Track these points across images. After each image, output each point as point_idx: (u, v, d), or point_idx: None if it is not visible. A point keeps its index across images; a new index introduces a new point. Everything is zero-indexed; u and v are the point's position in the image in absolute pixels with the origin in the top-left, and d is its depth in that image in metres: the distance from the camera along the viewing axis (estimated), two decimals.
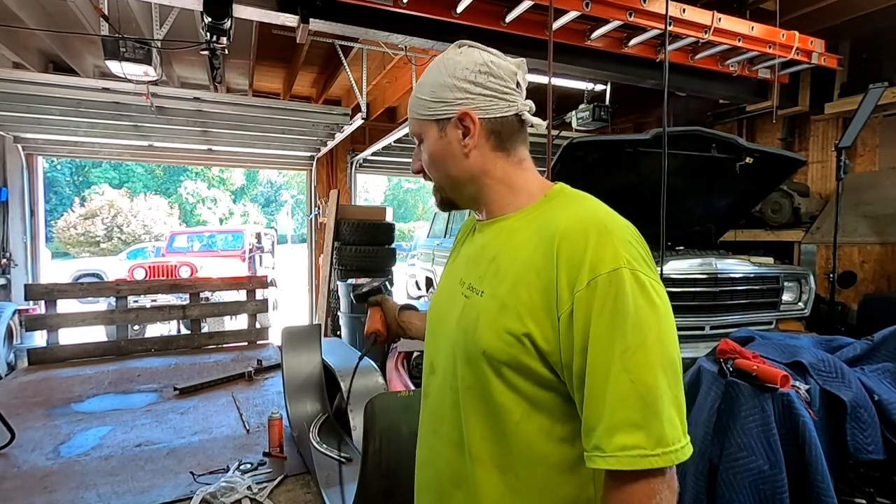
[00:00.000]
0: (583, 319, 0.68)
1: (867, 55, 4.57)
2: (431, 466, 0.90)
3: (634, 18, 3.35)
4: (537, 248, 0.75)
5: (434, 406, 0.89)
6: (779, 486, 1.62)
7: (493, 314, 0.76)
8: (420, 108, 0.87)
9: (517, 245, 0.79)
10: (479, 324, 0.77)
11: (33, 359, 3.50)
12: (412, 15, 3.17)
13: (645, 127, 6.75)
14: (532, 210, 0.83)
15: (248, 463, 2.06)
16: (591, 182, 3.15)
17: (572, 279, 0.69)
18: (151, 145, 6.40)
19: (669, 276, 2.83)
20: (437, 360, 0.89)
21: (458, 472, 0.83)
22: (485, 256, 0.84)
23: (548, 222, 0.78)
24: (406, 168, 8.32)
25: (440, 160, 0.87)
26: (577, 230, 0.72)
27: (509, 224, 0.84)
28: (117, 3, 3.59)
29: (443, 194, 0.92)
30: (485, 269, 0.82)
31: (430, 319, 0.95)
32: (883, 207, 4.21)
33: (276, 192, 34.46)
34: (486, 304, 0.78)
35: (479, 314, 0.78)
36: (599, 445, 0.66)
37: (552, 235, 0.74)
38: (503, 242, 0.82)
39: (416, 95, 0.88)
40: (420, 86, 0.89)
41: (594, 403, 0.67)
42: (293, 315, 9.32)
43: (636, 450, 0.63)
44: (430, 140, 0.87)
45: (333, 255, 6.15)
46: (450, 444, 0.85)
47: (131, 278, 7.64)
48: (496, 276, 0.79)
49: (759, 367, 1.76)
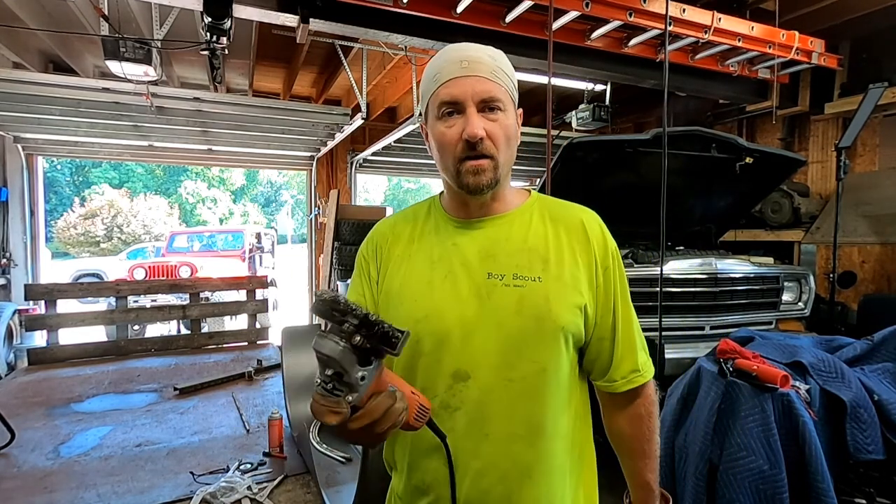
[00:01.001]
0: (612, 285, 0.91)
1: (867, 55, 4.57)
2: (489, 475, 0.84)
3: (634, 18, 3.35)
4: (569, 235, 0.91)
5: (479, 412, 0.84)
6: (779, 486, 1.62)
7: (560, 293, 0.86)
8: (503, 77, 0.86)
9: (542, 235, 0.91)
10: (552, 304, 0.85)
11: (33, 359, 3.50)
12: (412, 15, 3.17)
13: (645, 127, 6.75)
14: (529, 207, 0.95)
15: (248, 463, 2.06)
16: (592, 182, 3.17)
17: (602, 256, 0.91)
18: (151, 145, 6.40)
19: (669, 276, 2.82)
20: (473, 364, 0.84)
21: (527, 464, 0.85)
22: (517, 248, 0.89)
23: (560, 216, 0.93)
24: (406, 168, 8.30)
25: (513, 138, 0.89)
26: (593, 220, 0.94)
27: (520, 218, 0.93)
28: (117, 3, 3.59)
29: (495, 173, 0.86)
30: (527, 258, 0.88)
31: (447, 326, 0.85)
32: (883, 207, 4.21)
33: (276, 192, 34.45)
34: (551, 286, 0.86)
35: (547, 296, 0.85)
36: (636, 368, 0.93)
37: (578, 225, 0.92)
38: (525, 234, 0.91)
39: (499, 65, 0.86)
40: (496, 59, 0.87)
41: (627, 342, 0.92)
42: (293, 315, 9.32)
43: (647, 363, 0.95)
44: (509, 114, 0.87)
45: (333, 255, 6.15)
46: (513, 440, 0.84)
47: (131, 278, 7.64)
48: (546, 262, 0.88)
49: (759, 367, 1.76)
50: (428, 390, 0.85)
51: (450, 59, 0.86)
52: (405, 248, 0.94)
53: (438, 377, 0.86)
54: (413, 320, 0.86)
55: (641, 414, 0.95)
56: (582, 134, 4.84)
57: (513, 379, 0.83)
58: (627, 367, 0.92)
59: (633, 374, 0.92)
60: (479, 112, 0.83)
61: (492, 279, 0.86)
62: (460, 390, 0.84)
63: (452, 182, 0.89)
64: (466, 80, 0.83)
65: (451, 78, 0.84)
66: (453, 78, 0.84)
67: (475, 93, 0.83)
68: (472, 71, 0.83)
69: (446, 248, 0.90)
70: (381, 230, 0.99)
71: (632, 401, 0.95)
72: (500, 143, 0.85)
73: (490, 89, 0.83)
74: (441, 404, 0.85)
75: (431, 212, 0.98)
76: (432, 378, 0.86)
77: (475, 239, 0.90)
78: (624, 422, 0.96)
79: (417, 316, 0.86)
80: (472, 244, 0.90)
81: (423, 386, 0.86)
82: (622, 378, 0.92)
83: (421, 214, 0.98)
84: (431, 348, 0.86)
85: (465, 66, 0.84)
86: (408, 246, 0.94)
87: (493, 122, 0.84)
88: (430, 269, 0.90)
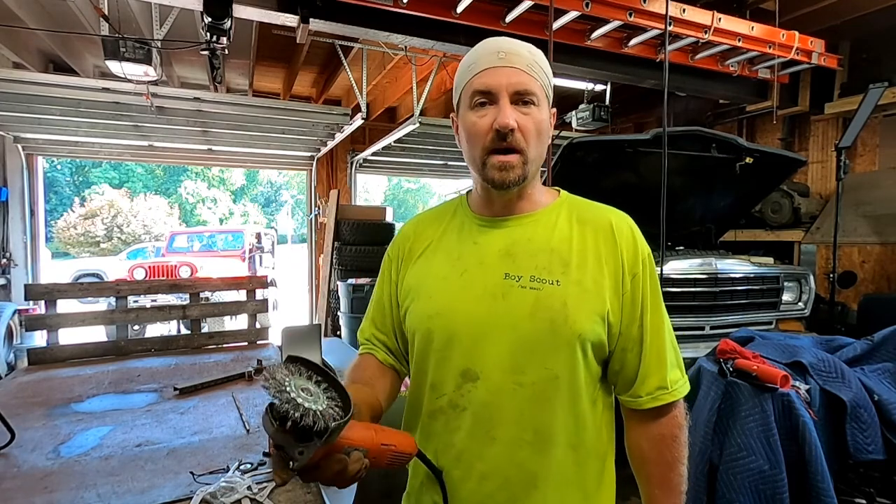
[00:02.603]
0: (640, 294, 0.85)
1: (867, 55, 4.57)
2: (493, 480, 0.82)
3: (634, 18, 3.35)
4: (596, 238, 0.86)
5: (486, 414, 0.83)
6: (779, 486, 1.62)
7: (580, 299, 0.82)
8: (539, 72, 0.85)
9: (566, 237, 0.86)
10: (570, 310, 0.81)
11: (33, 359, 3.50)
12: (412, 15, 3.17)
13: (645, 127, 6.74)
14: (557, 207, 0.91)
15: (248, 463, 2.06)
16: (592, 182, 3.17)
17: (631, 262, 0.85)
18: (151, 145, 6.39)
19: (669, 276, 2.82)
20: (483, 365, 0.83)
21: (532, 472, 0.81)
22: (538, 249, 0.86)
23: (589, 219, 0.89)
24: (406, 168, 8.30)
25: (545, 134, 0.87)
26: (624, 224, 0.88)
27: (546, 219, 0.89)
28: (117, 3, 3.59)
29: (524, 169, 0.84)
30: (547, 260, 0.84)
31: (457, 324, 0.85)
32: (883, 207, 4.21)
33: (276, 192, 34.45)
34: (570, 290, 0.82)
35: (565, 301, 0.81)
36: (663, 385, 0.85)
37: (607, 228, 0.87)
38: (549, 235, 0.87)
39: (536, 60, 0.85)
40: (534, 53, 0.86)
41: (654, 355, 0.85)
42: (293, 315, 9.32)
43: (679, 381, 0.87)
44: (543, 109, 0.85)
45: (333, 255, 6.16)
46: (519, 446, 0.81)
47: (131, 278, 7.65)
48: (567, 265, 0.84)
49: (759, 367, 1.76)
50: (438, 387, 0.86)
51: (487, 50, 0.85)
52: (427, 245, 0.94)
53: (448, 375, 0.85)
54: (426, 316, 0.87)
55: (665, 436, 0.86)
56: (582, 134, 4.84)
57: (523, 384, 0.81)
58: (654, 382, 0.85)
59: (660, 392, 0.85)
60: (512, 104, 0.82)
61: (508, 280, 0.83)
62: (469, 390, 0.83)
63: (478, 174, 0.87)
64: (502, 71, 0.82)
65: (487, 68, 0.83)
66: (489, 68, 0.83)
67: (510, 83, 0.82)
68: (508, 62, 0.82)
69: (466, 247, 0.89)
70: (405, 230, 1.00)
71: (655, 419, 0.86)
72: (530, 137, 0.83)
73: (525, 81, 0.82)
74: (449, 403, 0.85)
75: (458, 210, 0.97)
76: (442, 375, 0.86)
77: (497, 238, 0.88)
78: (645, 443, 0.87)
79: (430, 312, 0.87)
80: (494, 243, 0.88)
81: (434, 381, 0.87)
82: (647, 394, 0.85)
83: (447, 213, 0.98)
84: (441, 345, 0.86)
85: (503, 57, 0.83)
86: (430, 244, 0.94)
87: (525, 115, 0.82)
88: (448, 267, 0.89)
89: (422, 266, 0.92)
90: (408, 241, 0.97)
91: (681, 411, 0.88)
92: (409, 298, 0.92)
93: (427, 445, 0.87)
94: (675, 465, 0.85)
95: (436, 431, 0.87)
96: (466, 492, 0.84)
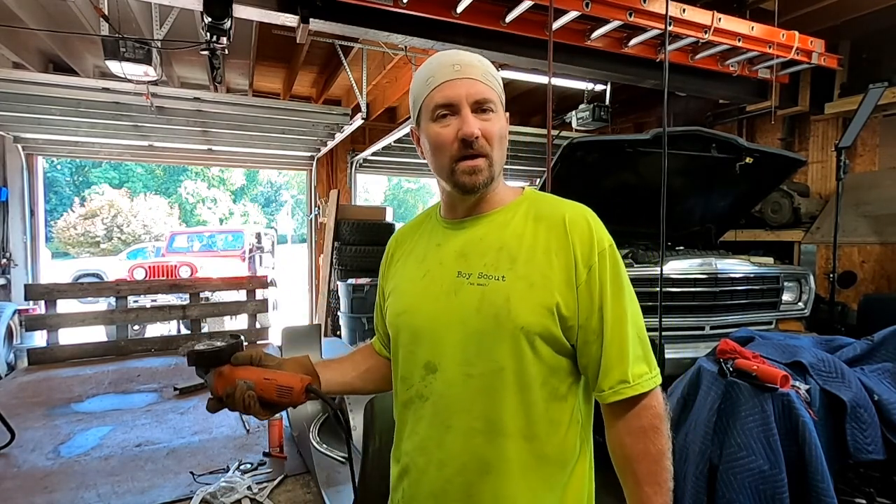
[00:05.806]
0: (598, 285, 0.85)
1: (867, 55, 4.57)
2: (450, 466, 0.88)
3: (634, 18, 3.35)
4: (548, 233, 0.88)
5: (443, 403, 0.88)
6: (779, 486, 1.62)
7: (524, 293, 0.85)
8: (493, 81, 0.90)
9: (518, 234, 0.90)
10: (512, 304, 0.84)
11: (33, 359, 3.50)
12: (412, 15, 3.17)
13: (645, 127, 6.75)
14: (515, 206, 0.94)
15: (248, 463, 2.06)
16: (592, 182, 3.17)
17: (585, 255, 0.86)
18: (151, 145, 6.40)
19: (669, 276, 2.82)
20: (441, 358, 0.89)
21: (485, 459, 0.86)
22: (488, 247, 0.90)
23: (545, 215, 0.91)
24: (406, 168, 8.31)
25: (505, 137, 0.92)
26: (580, 217, 0.89)
27: (501, 217, 0.93)
28: (117, 3, 3.60)
29: (491, 171, 0.89)
30: (495, 258, 0.89)
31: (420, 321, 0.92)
32: (883, 207, 4.21)
33: (276, 192, 34.45)
34: (514, 285, 0.85)
35: (508, 296, 0.85)
36: (625, 379, 0.84)
37: (559, 223, 0.89)
38: (501, 233, 0.91)
39: (488, 70, 0.90)
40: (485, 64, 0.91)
41: (614, 348, 0.85)
42: (293, 315, 9.33)
43: (644, 375, 0.85)
44: (500, 116, 0.91)
45: (333, 255, 6.16)
46: (472, 434, 0.86)
47: (131, 278, 7.64)
48: (514, 261, 0.87)
49: (759, 367, 1.76)
50: (407, 379, 0.94)
51: (442, 63, 0.90)
52: (405, 251, 1.04)
53: (414, 367, 0.92)
54: (395, 314, 0.97)
55: (646, 427, 0.84)
56: (582, 134, 4.84)
57: (472, 374, 0.86)
58: (616, 376, 0.84)
59: (622, 385, 0.84)
60: (472, 113, 0.87)
61: (460, 278, 0.89)
62: (430, 382, 0.90)
63: (447, 182, 0.92)
64: (461, 83, 0.87)
65: (445, 80, 0.87)
66: (447, 80, 0.87)
67: (469, 94, 0.87)
68: (464, 74, 0.88)
69: (431, 249, 0.97)
70: (392, 239, 1.10)
71: (634, 412, 0.85)
72: (494, 141, 0.89)
73: (482, 91, 0.88)
74: (416, 393, 0.92)
75: (430, 217, 1.04)
76: (410, 368, 0.93)
77: (456, 239, 0.95)
78: (628, 437, 0.86)
79: (399, 310, 0.96)
80: (452, 244, 0.94)
81: (404, 374, 0.95)
82: (609, 388, 0.85)
83: (424, 221, 1.06)
84: (408, 340, 0.94)
85: (458, 70, 0.88)
86: (407, 249, 1.03)
87: (486, 121, 0.88)
88: (415, 269, 0.97)
89: (398, 270, 1.03)
90: (391, 249, 1.09)
91: (658, 401, 0.86)
92: (388, 299, 1.02)
93: (402, 434, 0.96)
94: (661, 458, 0.85)
95: (407, 420, 0.95)
96: (429, 477, 0.90)
